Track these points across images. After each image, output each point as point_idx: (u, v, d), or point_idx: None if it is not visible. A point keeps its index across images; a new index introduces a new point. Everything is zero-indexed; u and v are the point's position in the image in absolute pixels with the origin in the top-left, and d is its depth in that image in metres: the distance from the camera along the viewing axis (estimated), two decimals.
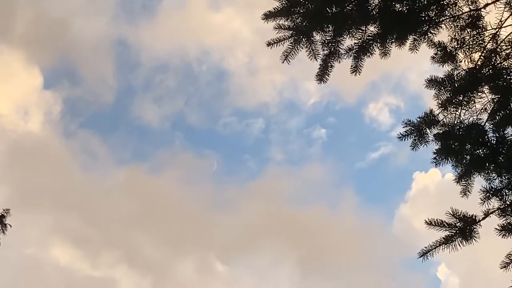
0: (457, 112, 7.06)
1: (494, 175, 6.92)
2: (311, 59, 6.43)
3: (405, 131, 7.02)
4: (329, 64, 6.50)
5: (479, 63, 6.97)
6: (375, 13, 6.36)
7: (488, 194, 6.72)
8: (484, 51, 6.94)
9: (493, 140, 6.96)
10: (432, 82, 7.02)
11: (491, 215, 6.64)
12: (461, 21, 6.76)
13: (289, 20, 6.25)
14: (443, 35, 6.81)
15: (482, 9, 6.74)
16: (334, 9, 6.27)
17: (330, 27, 6.35)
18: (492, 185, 6.82)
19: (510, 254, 6.53)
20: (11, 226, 10.30)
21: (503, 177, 6.83)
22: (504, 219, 6.54)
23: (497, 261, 6.59)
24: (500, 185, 6.79)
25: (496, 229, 6.49)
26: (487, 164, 6.94)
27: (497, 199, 6.74)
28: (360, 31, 6.42)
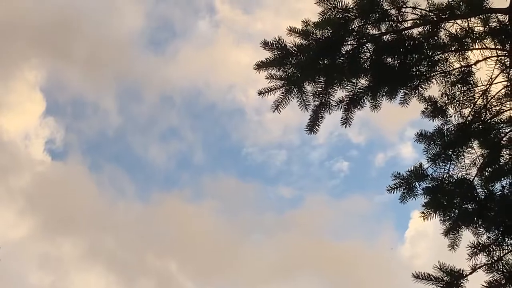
0: (446, 167, 7.08)
1: (482, 230, 6.93)
2: (302, 110, 6.44)
3: (394, 184, 7.02)
4: (320, 115, 6.51)
5: (469, 118, 7.03)
6: (366, 66, 6.42)
7: (475, 250, 6.69)
8: (474, 107, 7.01)
9: (482, 195, 7.03)
10: (422, 136, 7.06)
11: (478, 270, 6.59)
12: (452, 77, 6.83)
13: (281, 71, 6.27)
14: (434, 90, 6.89)
15: (473, 66, 6.83)
16: (326, 61, 6.31)
17: (322, 78, 6.38)
18: (479, 240, 6.80)
19: None
20: None
21: (491, 232, 6.82)
22: (491, 275, 6.49)
23: None
24: (488, 241, 6.78)
25: (483, 286, 6.43)
26: (475, 219, 6.96)
27: (485, 254, 6.69)
28: (351, 83, 6.47)
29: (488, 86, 6.93)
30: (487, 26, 6.56)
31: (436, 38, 6.51)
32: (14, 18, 24.89)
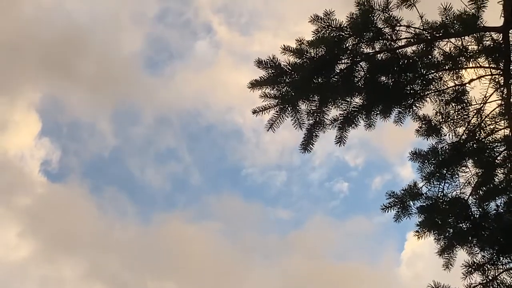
0: (440, 186, 7.07)
1: (476, 249, 6.91)
2: (296, 128, 6.40)
3: (389, 203, 7.00)
4: (314, 133, 6.47)
5: (463, 137, 7.03)
6: (360, 84, 6.39)
7: (470, 269, 6.71)
8: (469, 126, 7.01)
9: (476, 214, 7.03)
10: (416, 155, 7.06)
11: None
12: (446, 96, 6.83)
13: (275, 89, 6.23)
14: (428, 108, 6.87)
15: (467, 84, 6.82)
16: (320, 79, 6.28)
17: (316, 97, 6.34)
18: (474, 259, 6.81)
19: None
20: None
21: (485, 252, 6.82)
22: None
23: None
24: (483, 260, 6.78)
25: None
26: (470, 238, 6.95)
27: (480, 273, 6.71)
28: (346, 102, 6.43)
29: (482, 104, 6.94)
30: (481, 45, 6.54)
31: (430, 56, 6.49)
32: (11, 38, 24.88)
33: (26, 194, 26.33)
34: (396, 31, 6.35)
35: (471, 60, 6.62)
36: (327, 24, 6.15)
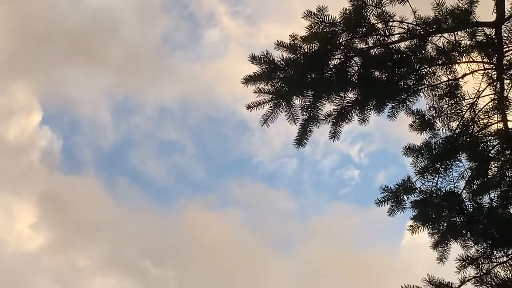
0: (434, 180, 7.13)
1: (470, 243, 6.98)
2: (290, 123, 6.45)
3: (383, 197, 7.07)
4: (308, 128, 6.53)
5: (456, 131, 7.09)
6: (354, 80, 6.44)
7: (464, 263, 6.74)
8: (462, 120, 7.08)
9: (470, 208, 7.09)
10: (410, 150, 7.12)
11: (467, 283, 6.63)
12: (439, 90, 6.88)
13: (269, 85, 6.27)
14: (422, 103, 6.93)
15: (460, 79, 6.87)
16: (313, 75, 6.33)
17: (310, 92, 6.39)
18: (468, 253, 6.86)
19: None
20: None
21: (479, 245, 6.88)
22: None
23: None
24: (476, 254, 6.83)
25: None
26: (463, 232, 7.03)
27: (474, 267, 6.75)
28: (339, 97, 6.49)
29: (475, 99, 6.99)
30: (474, 40, 6.59)
31: (423, 51, 6.55)
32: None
33: (36, 184, 26.46)
34: (389, 27, 6.41)
35: (464, 55, 6.66)
36: (321, 19, 6.20)
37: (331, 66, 6.37)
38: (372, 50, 6.43)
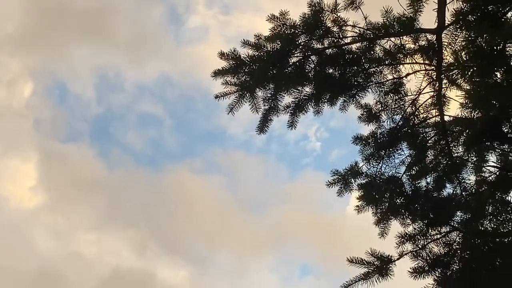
0: (378, 165, 7.66)
1: (409, 221, 7.44)
2: (253, 112, 6.94)
3: (333, 180, 7.62)
4: (269, 118, 7.02)
5: (399, 123, 7.57)
6: (311, 76, 6.89)
7: (403, 239, 7.13)
8: (404, 114, 7.54)
9: (409, 191, 7.57)
10: (358, 139, 7.67)
11: (405, 256, 7.03)
12: (385, 87, 7.32)
13: (235, 78, 6.75)
14: (369, 98, 7.39)
15: (404, 78, 7.32)
16: (275, 70, 6.77)
17: (271, 85, 6.85)
18: (406, 230, 7.24)
19: None
20: None
21: (416, 224, 7.27)
22: (416, 262, 6.90)
23: None
24: (414, 231, 7.20)
25: (409, 271, 6.84)
26: (403, 211, 7.48)
27: (411, 243, 7.12)
28: (297, 90, 6.95)
29: (417, 96, 7.44)
30: (417, 44, 7.04)
31: (372, 52, 6.96)
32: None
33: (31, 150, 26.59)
34: (343, 30, 6.84)
35: (408, 56, 7.12)
36: (283, 22, 6.67)
37: (291, 63, 6.81)
38: (327, 50, 6.86)
